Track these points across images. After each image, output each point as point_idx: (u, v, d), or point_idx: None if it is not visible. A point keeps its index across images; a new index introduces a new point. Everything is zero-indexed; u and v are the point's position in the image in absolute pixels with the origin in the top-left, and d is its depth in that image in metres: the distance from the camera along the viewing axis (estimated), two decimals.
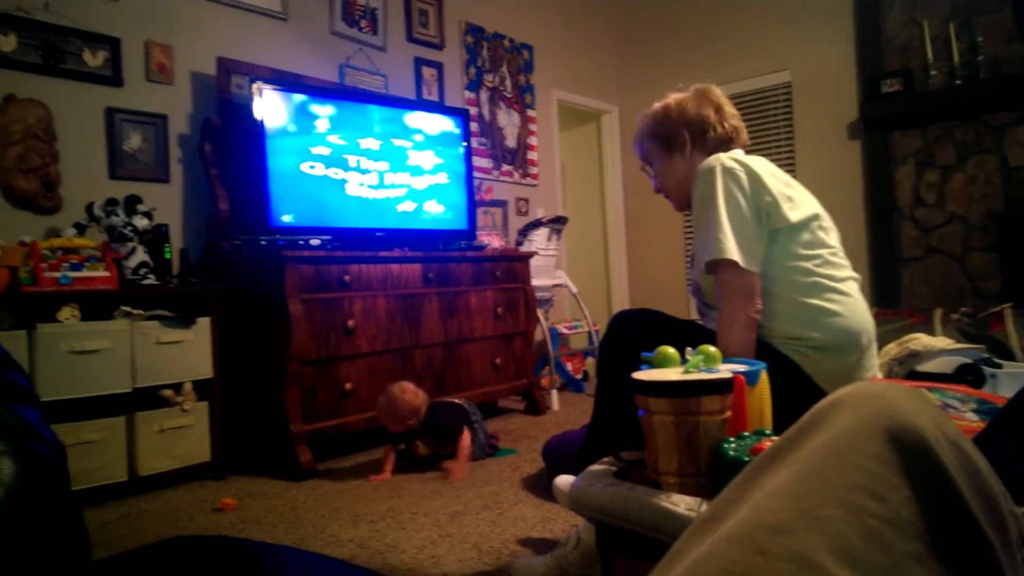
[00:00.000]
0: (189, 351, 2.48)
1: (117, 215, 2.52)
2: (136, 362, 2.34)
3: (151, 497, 2.34)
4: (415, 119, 3.25)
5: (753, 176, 1.38)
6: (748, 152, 1.53)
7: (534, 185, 4.73)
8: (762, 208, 1.37)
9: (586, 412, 3.43)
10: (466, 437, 2.51)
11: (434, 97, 4.05)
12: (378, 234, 3.05)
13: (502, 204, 4.48)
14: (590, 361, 4.55)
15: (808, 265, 1.38)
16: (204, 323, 2.53)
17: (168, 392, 2.43)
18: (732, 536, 0.40)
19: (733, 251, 1.33)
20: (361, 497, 2.23)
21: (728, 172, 1.38)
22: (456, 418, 2.56)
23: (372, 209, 3.05)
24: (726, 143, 1.54)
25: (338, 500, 2.21)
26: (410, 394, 2.44)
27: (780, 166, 1.53)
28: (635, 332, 1.39)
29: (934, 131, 4.09)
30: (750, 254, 1.35)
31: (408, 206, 3.19)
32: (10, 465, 0.80)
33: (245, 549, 0.71)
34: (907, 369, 1.95)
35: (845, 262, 1.44)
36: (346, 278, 2.71)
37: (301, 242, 2.68)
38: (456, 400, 2.73)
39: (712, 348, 1.13)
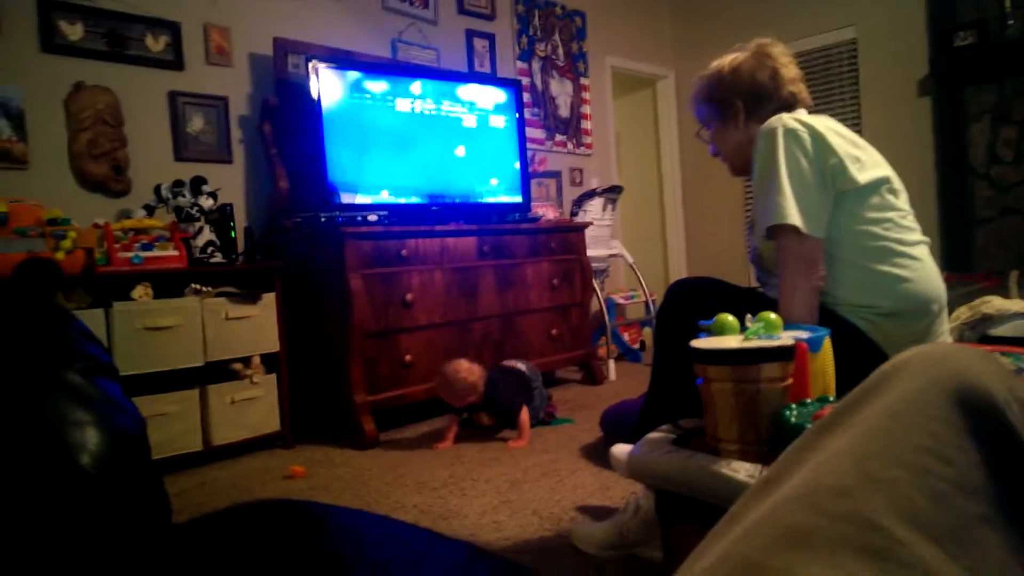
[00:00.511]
0: (256, 326, 2.56)
1: (184, 196, 2.61)
2: (207, 337, 2.44)
3: (225, 465, 2.45)
4: (468, 92, 3.25)
5: (817, 137, 1.33)
6: (812, 112, 1.48)
7: (588, 154, 4.68)
8: (827, 170, 1.32)
9: (643, 382, 3.42)
10: (524, 414, 2.54)
11: (486, 69, 4.03)
12: (433, 208, 3.08)
13: (556, 175, 4.45)
14: (647, 331, 4.52)
15: (876, 229, 1.33)
16: (269, 299, 2.61)
17: (238, 365, 2.52)
18: (792, 498, 0.39)
19: (795, 216, 1.30)
20: (423, 465, 2.29)
21: (790, 134, 1.33)
22: (514, 392, 2.58)
23: (428, 129, 3.08)
24: (784, 110, 1.49)
25: (401, 468, 2.27)
26: (464, 372, 2.46)
27: (846, 127, 1.47)
28: (693, 300, 1.38)
29: (1011, 85, 3.86)
30: (813, 219, 1.31)
31: (463, 154, 3.20)
32: (96, 434, 0.85)
33: (315, 512, 0.74)
34: (979, 333, 1.88)
35: (915, 226, 1.38)
36: (403, 252, 2.75)
37: (359, 218, 2.73)
38: (517, 365, 2.75)
39: (773, 315, 1.11)
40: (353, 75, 2.89)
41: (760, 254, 1.46)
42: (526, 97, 4.24)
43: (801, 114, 1.42)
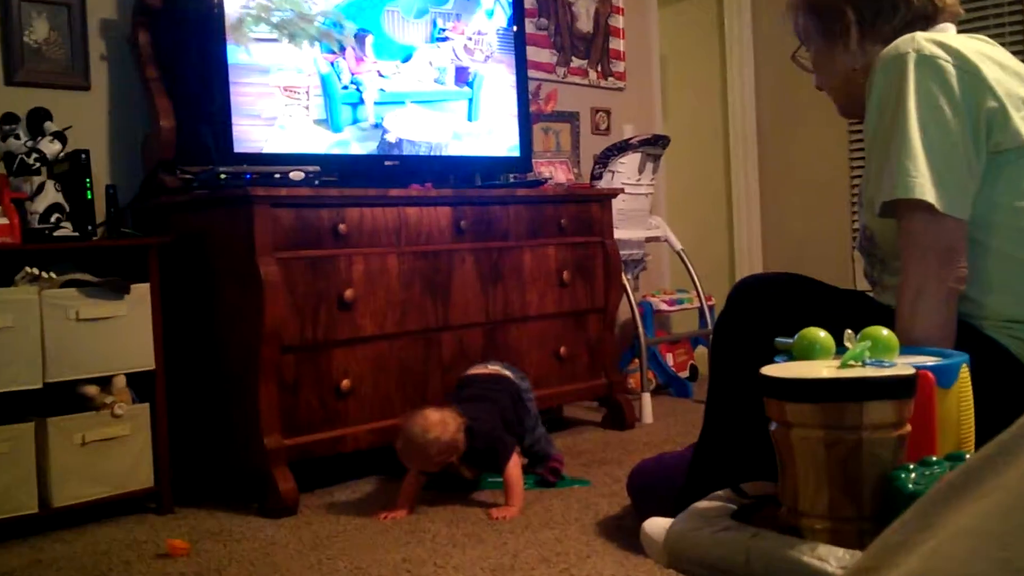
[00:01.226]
0: (121, 332, 2.55)
1: (17, 137, 2.60)
2: (47, 346, 2.43)
3: (71, 536, 2.44)
4: None
5: (967, 69, 1.33)
6: (961, 30, 1.48)
7: (620, 88, 4.68)
8: (981, 119, 1.32)
9: (693, 426, 3.43)
10: (515, 465, 2.56)
11: None
12: (388, 163, 3.08)
13: (571, 118, 4.46)
14: (701, 351, 4.53)
15: None
16: (142, 292, 2.60)
17: (92, 389, 2.51)
18: None
19: (928, 188, 1.30)
20: (365, 542, 2.28)
21: (926, 63, 1.33)
22: (497, 424, 2.61)
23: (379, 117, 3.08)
24: (920, 22, 1.49)
25: (332, 546, 2.27)
26: (437, 429, 2.45)
27: (1009, 53, 1.48)
28: (767, 307, 1.40)
29: None
30: (954, 192, 1.31)
31: (434, 121, 3.20)
32: None
33: None
34: None
35: None
36: (341, 228, 2.75)
37: (278, 176, 2.73)
38: (494, 370, 2.81)
39: (884, 331, 1.11)
40: None
41: (873, 240, 1.47)
42: (529, 3, 4.24)
43: (945, 33, 1.42)
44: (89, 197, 2.67)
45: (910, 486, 0.96)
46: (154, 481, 2.62)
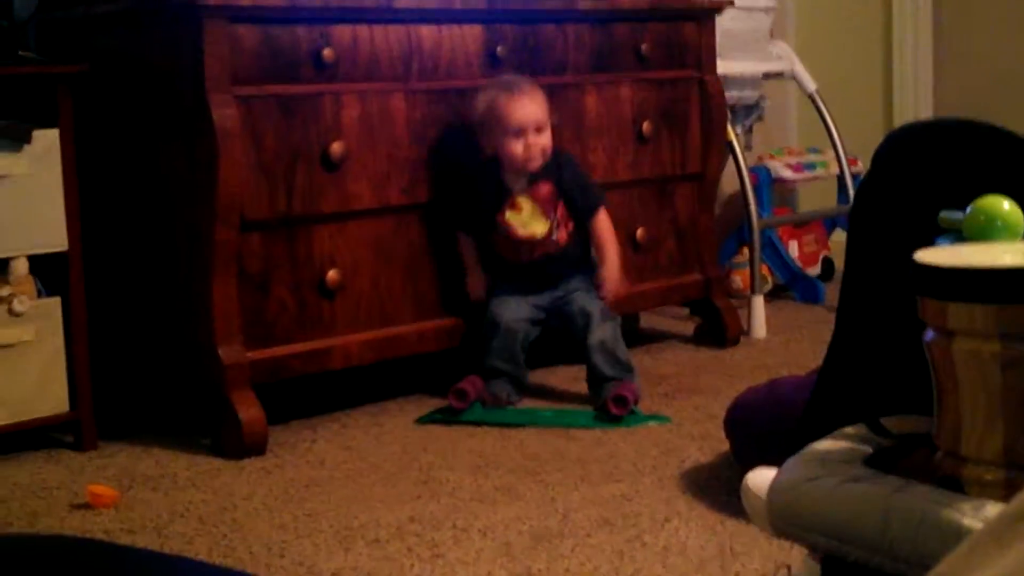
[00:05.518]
0: (20, 196, 2.56)
1: None
2: None
3: None
4: None
5: None
6: None
7: None
8: None
9: (823, 342, 3.42)
10: (605, 219, 2.92)
11: None
12: None
13: None
14: (839, 238, 4.49)
15: None
16: (48, 140, 2.60)
17: None
18: None
19: None
20: (358, 494, 2.32)
21: None
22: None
23: None
24: None
25: (312, 498, 2.30)
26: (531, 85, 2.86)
27: None
28: (930, 167, 1.38)
29: None
30: None
31: None
32: None
33: (127, 562, 0.76)
34: None
35: None
36: (326, 54, 2.73)
37: None
38: None
39: None
40: None
41: None
42: None
43: None
44: None
45: None
46: (70, 405, 2.65)
